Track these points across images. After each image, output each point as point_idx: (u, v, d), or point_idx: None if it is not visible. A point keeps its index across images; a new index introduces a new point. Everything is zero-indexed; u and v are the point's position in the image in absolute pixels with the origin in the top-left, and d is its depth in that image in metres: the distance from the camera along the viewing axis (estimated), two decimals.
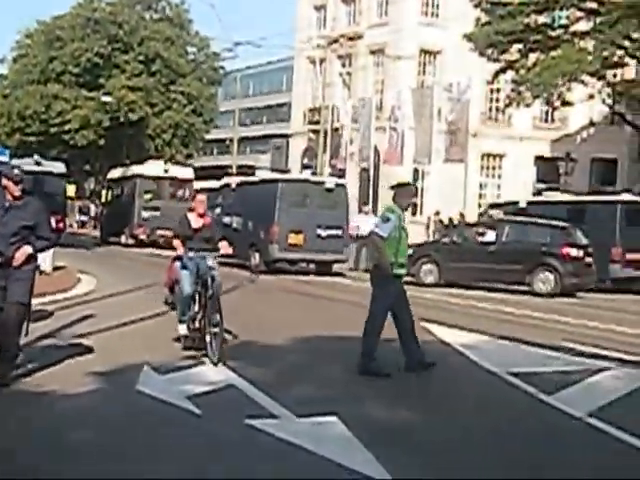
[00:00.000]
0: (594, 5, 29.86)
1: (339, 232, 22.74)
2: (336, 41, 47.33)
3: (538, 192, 31.38)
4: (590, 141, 41.76)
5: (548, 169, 42.21)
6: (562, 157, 38.58)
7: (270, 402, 6.89)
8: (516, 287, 19.70)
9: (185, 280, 9.41)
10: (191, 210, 9.99)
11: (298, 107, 51.50)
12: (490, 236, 20.52)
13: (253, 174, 27.85)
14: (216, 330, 8.73)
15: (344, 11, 48.25)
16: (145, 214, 32.04)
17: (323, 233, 22.46)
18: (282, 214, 22.15)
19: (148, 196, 32.83)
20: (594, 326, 13.44)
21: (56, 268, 17.06)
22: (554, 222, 20.28)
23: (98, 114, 45.15)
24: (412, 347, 8.73)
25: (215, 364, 8.41)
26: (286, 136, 52.46)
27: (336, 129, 37.87)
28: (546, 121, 45.53)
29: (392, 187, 9.12)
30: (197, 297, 9.38)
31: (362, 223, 23.86)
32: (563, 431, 6.57)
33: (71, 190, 49.54)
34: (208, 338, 8.84)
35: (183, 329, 9.45)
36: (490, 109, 45.51)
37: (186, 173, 33.92)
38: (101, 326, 10.61)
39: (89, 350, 9.05)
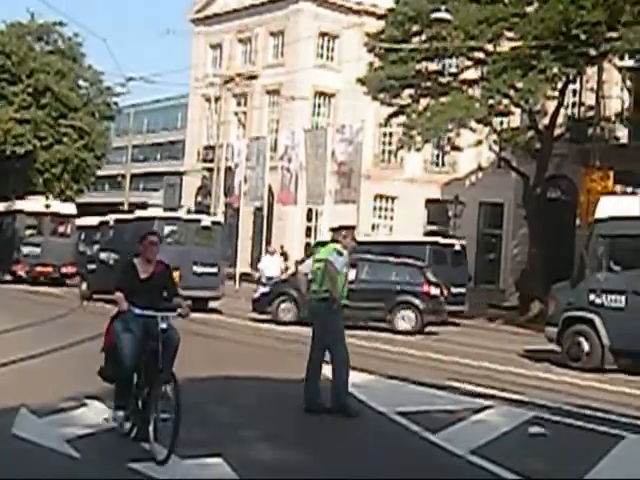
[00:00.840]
0: (481, 55, 30.92)
1: (215, 269, 23.24)
2: (232, 80, 47.51)
3: (427, 233, 31.94)
4: (478, 185, 43.03)
5: (438, 211, 43.23)
6: (451, 200, 39.58)
7: (154, 445, 6.68)
8: (376, 324, 19.77)
9: (126, 346, 7.23)
10: (137, 255, 7.86)
11: (192, 145, 51.35)
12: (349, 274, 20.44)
13: (202, 211, 27.94)
14: (166, 416, 6.59)
15: (240, 50, 48.58)
16: (25, 250, 31.20)
17: (199, 270, 22.79)
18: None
19: (29, 232, 32.28)
20: (473, 364, 13.76)
21: None
22: (412, 261, 21.16)
23: None
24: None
25: (162, 462, 6.28)
26: (180, 174, 52.11)
27: (229, 168, 37.83)
28: (437, 165, 46.71)
29: (334, 229, 9.52)
30: (140, 371, 7.18)
31: (269, 264, 25.05)
32: (446, 469, 6.65)
33: None
34: (152, 427, 6.68)
35: (119, 417, 7.19)
36: (383, 152, 46.43)
37: (68, 209, 33.57)
38: None
39: None
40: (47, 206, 32.63)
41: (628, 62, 29.90)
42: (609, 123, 33.86)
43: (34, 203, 32.95)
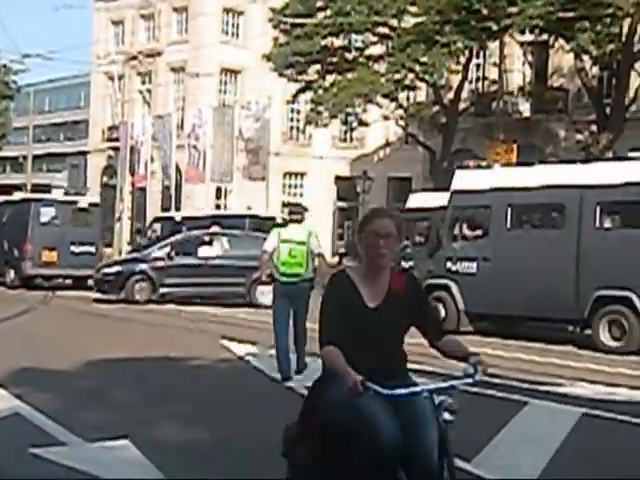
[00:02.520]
0: (386, 30, 31.12)
1: (92, 249, 24.36)
2: (135, 57, 46.66)
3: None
4: (386, 160, 43.45)
5: (347, 187, 43.50)
6: (360, 176, 39.86)
7: (58, 429, 6.61)
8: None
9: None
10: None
11: (96, 124, 50.30)
12: (208, 250, 20.33)
13: (49, 192, 27.66)
14: None
15: (143, 27, 47.68)
16: None
17: (77, 250, 23.94)
18: (35, 232, 23.49)
19: None
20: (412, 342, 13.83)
21: None
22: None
23: None
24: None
25: None
26: (84, 153, 51.02)
27: (134, 147, 37.18)
28: (345, 141, 46.94)
29: (296, 207, 10.35)
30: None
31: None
32: None
33: None
34: None
35: None
36: (291, 128, 46.36)
37: None
38: None
39: None
40: None
41: (529, 37, 30.51)
42: (512, 97, 34.59)
43: None
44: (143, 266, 19.68)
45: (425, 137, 35.48)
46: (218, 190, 39.48)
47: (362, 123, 34.96)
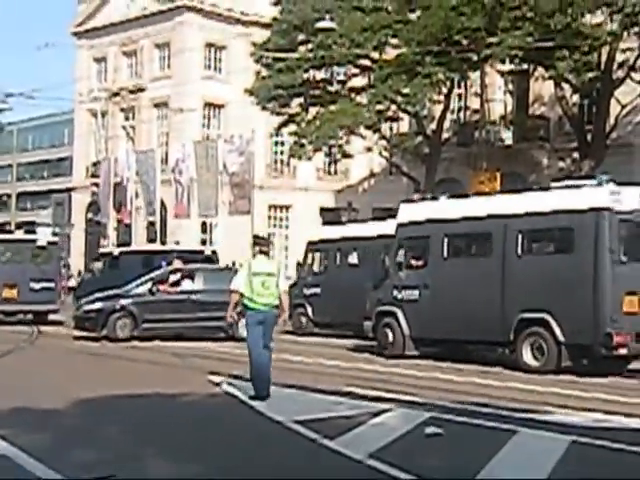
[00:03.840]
0: (368, 62, 31.38)
1: (51, 285, 25.22)
2: (118, 94, 46.82)
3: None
4: (371, 191, 43.57)
5: (333, 219, 43.49)
6: (345, 207, 39.93)
7: (45, 470, 6.49)
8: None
9: None
10: None
11: (80, 161, 50.34)
12: (187, 284, 20.26)
13: (34, 231, 27.95)
14: None
15: (126, 63, 47.92)
16: None
17: (36, 286, 24.77)
18: None
19: None
20: (370, 369, 13.92)
21: None
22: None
23: None
24: None
25: None
26: (69, 190, 50.98)
27: (119, 183, 37.16)
28: (329, 173, 47.11)
29: (264, 240, 11.14)
30: None
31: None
32: (344, 474, 6.65)
33: None
34: None
35: None
36: (275, 161, 46.54)
37: None
38: None
39: None
40: None
41: (509, 66, 30.83)
42: (494, 126, 34.85)
43: None
44: (125, 302, 19.43)
45: (409, 167, 35.64)
46: (204, 224, 39.44)
47: (346, 155, 35.12)
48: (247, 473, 6.74)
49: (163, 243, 35.50)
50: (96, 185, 44.08)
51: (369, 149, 35.41)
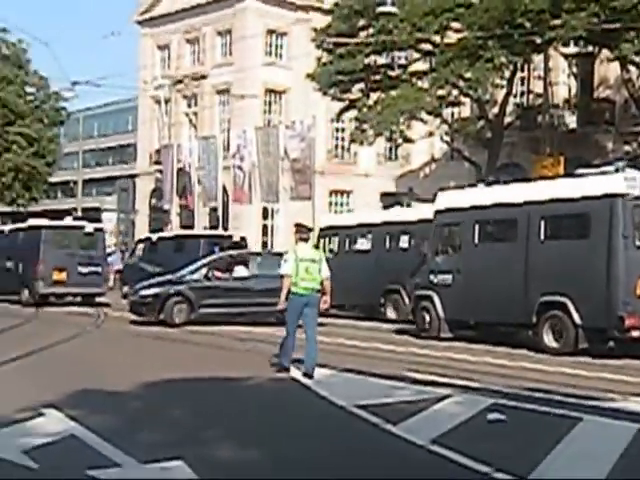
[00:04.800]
0: (429, 47, 31.13)
1: (98, 269, 26.69)
2: (181, 81, 47.28)
3: None
4: (432, 176, 43.28)
5: (393, 204, 43.30)
6: (405, 192, 39.70)
7: (113, 450, 6.64)
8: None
9: None
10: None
11: (144, 147, 50.97)
12: (241, 270, 20.40)
13: (99, 217, 29.24)
14: None
15: (188, 51, 48.31)
16: None
17: (84, 270, 26.19)
18: (46, 255, 25.85)
19: None
20: (432, 355, 13.89)
21: None
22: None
23: None
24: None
25: None
26: (133, 177, 51.72)
27: (182, 169, 37.59)
28: (390, 158, 46.94)
29: (309, 229, 11.95)
30: None
31: None
32: (407, 459, 6.68)
33: None
34: None
35: None
36: (336, 147, 46.52)
37: None
38: None
39: None
40: None
41: (573, 49, 30.30)
42: (558, 110, 34.29)
43: None
44: (181, 287, 19.67)
45: (470, 152, 35.32)
46: (265, 210, 39.70)
47: (407, 140, 34.92)
48: (311, 458, 6.82)
49: (225, 229, 35.83)
50: (159, 172, 44.69)
51: (430, 134, 35.18)
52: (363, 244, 23.27)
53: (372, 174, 45.33)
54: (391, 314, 21.91)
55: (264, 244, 41.64)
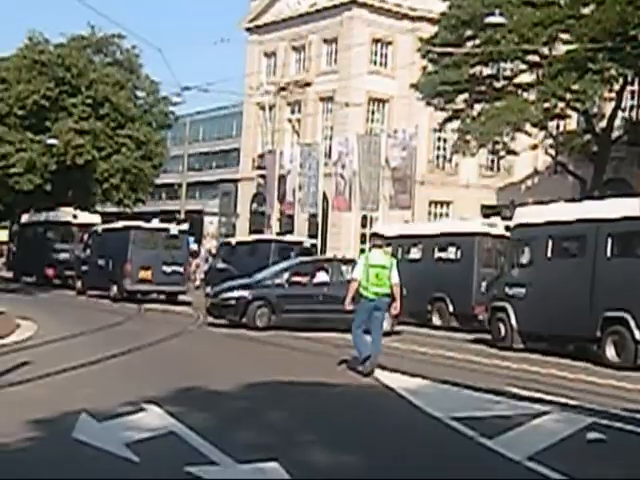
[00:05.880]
0: (537, 58, 30.65)
1: (181, 269, 28.29)
2: (286, 88, 47.82)
3: None
4: (534, 189, 42.55)
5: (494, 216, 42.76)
6: (507, 205, 39.17)
7: (211, 448, 6.77)
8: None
9: None
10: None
11: (247, 152, 51.71)
12: (322, 276, 20.34)
13: (201, 220, 30.07)
14: None
15: (294, 58, 48.83)
16: (55, 256, 34.70)
17: (168, 269, 27.70)
18: (134, 254, 27.38)
19: (58, 239, 35.69)
20: (534, 370, 13.64)
21: None
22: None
23: (44, 158, 44.42)
24: None
25: None
26: (235, 181, 52.54)
27: (283, 175, 38.03)
28: (492, 169, 46.37)
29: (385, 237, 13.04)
30: None
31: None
32: (502, 474, 6.60)
33: (3, 235, 48.85)
34: None
35: None
36: (437, 157, 46.25)
37: (93, 219, 36.29)
38: (37, 373, 10.37)
39: (24, 398, 8.85)
40: (75, 216, 35.93)
41: None
42: None
43: (63, 214, 36.53)
44: (265, 291, 19.74)
45: (575, 166, 34.59)
46: (364, 218, 39.73)
47: (510, 152, 34.42)
48: (406, 466, 6.82)
49: (324, 235, 36.07)
50: (262, 177, 45.31)
51: (534, 146, 34.60)
52: (414, 253, 24.26)
53: (473, 185, 44.89)
54: (436, 321, 23.08)
55: (362, 252, 41.75)
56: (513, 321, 17.31)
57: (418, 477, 6.52)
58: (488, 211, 44.09)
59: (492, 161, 45.26)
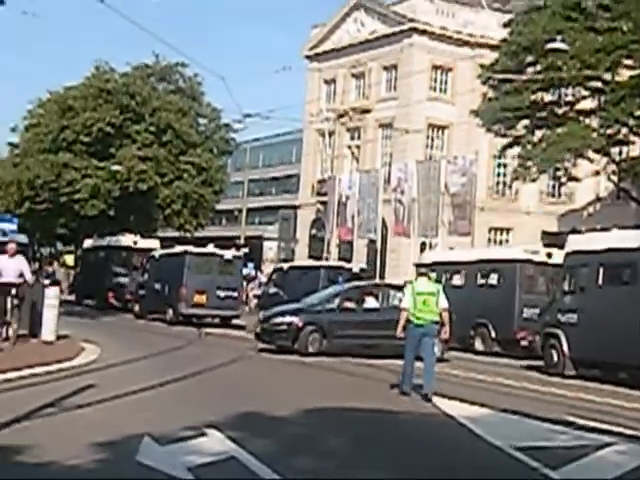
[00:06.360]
0: (599, 84, 30.33)
1: (235, 294, 28.74)
2: (345, 114, 48.09)
3: None
4: (596, 216, 41.91)
5: (555, 243, 42.23)
6: (569, 232, 38.65)
7: (271, 474, 6.80)
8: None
9: None
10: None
11: (306, 178, 52.01)
12: (371, 302, 20.23)
13: (261, 245, 30.53)
14: None
15: (354, 85, 49.13)
16: (116, 280, 35.12)
17: (222, 294, 28.12)
18: (189, 279, 27.94)
19: (118, 264, 36.22)
20: (602, 401, 13.41)
21: (59, 337, 17.08)
22: None
23: (108, 184, 45.32)
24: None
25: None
26: (294, 207, 52.83)
27: (342, 201, 38.10)
28: (553, 196, 45.87)
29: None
30: None
31: None
32: None
33: (70, 260, 49.77)
34: None
35: None
36: (497, 183, 45.94)
37: (152, 244, 36.66)
38: (102, 396, 10.56)
39: (89, 420, 9.01)
40: (135, 242, 36.29)
41: None
42: None
43: (124, 239, 37.04)
44: (317, 317, 19.61)
45: (638, 193, 34.04)
46: (423, 244, 39.60)
47: (572, 178, 34.03)
48: None
49: (382, 262, 36.02)
50: (321, 202, 45.50)
51: (597, 173, 34.16)
52: (457, 280, 24.52)
53: (533, 212, 44.44)
54: (479, 346, 23.28)
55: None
56: (565, 347, 17.39)
57: None
58: (549, 238, 43.62)
59: (553, 187, 44.78)
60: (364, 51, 47.45)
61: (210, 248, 30.07)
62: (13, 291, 15.59)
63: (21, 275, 15.76)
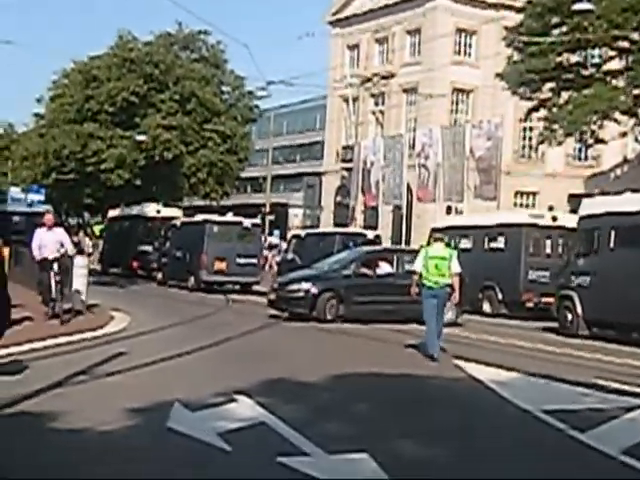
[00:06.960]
0: (626, 44, 29.89)
1: (254, 260, 29.27)
2: (369, 80, 47.77)
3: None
4: (624, 178, 41.51)
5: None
6: (595, 194, 38.35)
7: (301, 439, 6.87)
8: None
9: None
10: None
11: (331, 145, 51.84)
12: (386, 267, 20.16)
13: (286, 213, 30.62)
14: None
15: (377, 50, 48.73)
16: (138, 248, 35.73)
17: (242, 261, 28.64)
18: (210, 246, 28.48)
19: (142, 233, 36.70)
20: (622, 362, 13.40)
21: (89, 306, 17.26)
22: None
23: (133, 153, 45.39)
24: None
25: None
26: (319, 174, 52.74)
27: (367, 167, 37.98)
28: (579, 159, 45.45)
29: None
30: None
31: None
32: (597, 469, 6.52)
33: (98, 229, 50.13)
34: None
35: None
36: (523, 147, 45.55)
37: (175, 213, 37.28)
38: (133, 363, 10.69)
39: (121, 387, 9.14)
40: (158, 211, 36.82)
41: None
42: None
43: (147, 209, 37.59)
44: (334, 283, 19.44)
45: None
46: (449, 209, 39.44)
47: (598, 141, 33.65)
48: (497, 459, 6.81)
49: (408, 227, 35.97)
50: (345, 169, 45.38)
51: (624, 134, 33.76)
52: (465, 244, 24.87)
53: (560, 175, 44.08)
54: (487, 308, 23.66)
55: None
56: (579, 309, 17.79)
57: (508, 469, 6.50)
58: (575, 201, 43.26)
59: (580, 150, 44.35)
60: (387, 15, 46.98)
61: (229, 216, 30.63)
62: (55, 266, 15.22)
63: (61, 246, 15.43)
